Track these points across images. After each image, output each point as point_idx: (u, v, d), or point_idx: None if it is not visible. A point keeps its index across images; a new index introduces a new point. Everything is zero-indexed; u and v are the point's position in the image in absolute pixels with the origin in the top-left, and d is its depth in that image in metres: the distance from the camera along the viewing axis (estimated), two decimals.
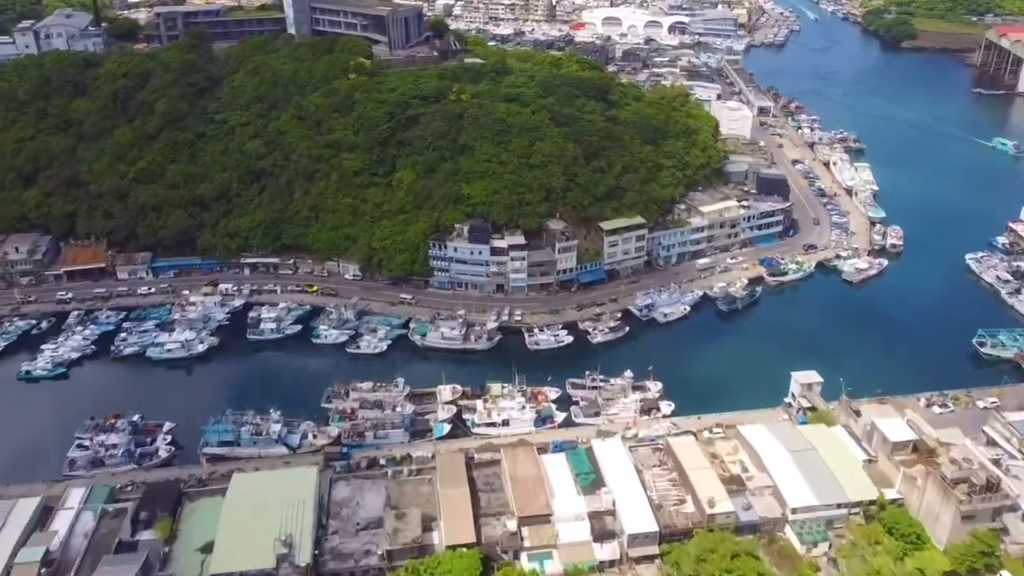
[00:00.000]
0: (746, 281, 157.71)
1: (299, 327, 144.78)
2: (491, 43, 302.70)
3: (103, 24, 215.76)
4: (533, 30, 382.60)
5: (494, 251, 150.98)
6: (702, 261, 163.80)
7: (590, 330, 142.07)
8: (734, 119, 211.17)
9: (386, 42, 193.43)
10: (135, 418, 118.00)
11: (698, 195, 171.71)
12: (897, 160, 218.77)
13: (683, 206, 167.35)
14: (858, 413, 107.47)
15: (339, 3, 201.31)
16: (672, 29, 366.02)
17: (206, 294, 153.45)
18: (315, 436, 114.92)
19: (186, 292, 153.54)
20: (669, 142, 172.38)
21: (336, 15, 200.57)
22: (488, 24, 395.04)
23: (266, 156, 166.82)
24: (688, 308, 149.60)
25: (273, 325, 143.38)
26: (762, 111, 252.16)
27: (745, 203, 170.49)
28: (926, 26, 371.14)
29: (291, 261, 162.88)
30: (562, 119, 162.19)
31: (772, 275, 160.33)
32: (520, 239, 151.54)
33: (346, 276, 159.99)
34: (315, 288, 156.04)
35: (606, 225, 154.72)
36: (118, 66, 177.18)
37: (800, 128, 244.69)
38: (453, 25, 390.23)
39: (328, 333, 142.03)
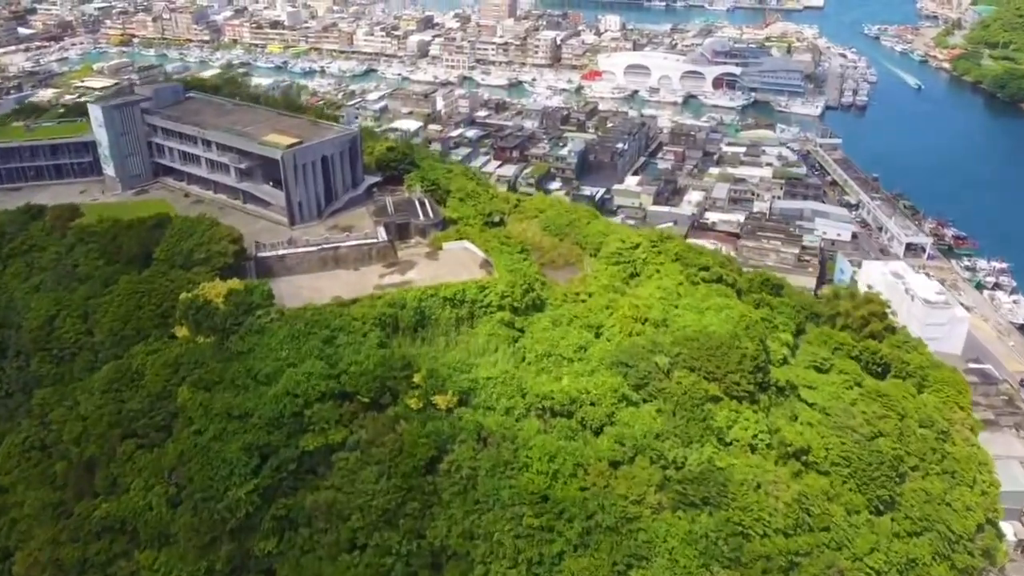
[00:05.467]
0: None
1: None
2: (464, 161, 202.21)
3: None
4: (535, 80, 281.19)
5: None
6: None
7: None
8: (934, 321, 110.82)
9: (284, 207, 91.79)
10: None
11: None
12: None
13: None
14: None
15: (198, 123, 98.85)
16: (718, 83, 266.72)
17: None
18: None
19: None
20: (914, 487, 72.33)
21: (192, 143, 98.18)
22: (475, 70, 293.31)
23: None
24: None
25: None
26: (910, 249, 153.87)
27: None
28: None
29: None
30: (688, 488, 61.77)
31: None
32: None
33: None
34: None
35: None
36: None
37: (981, 286, 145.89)
38: (429, 73, 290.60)
39: None
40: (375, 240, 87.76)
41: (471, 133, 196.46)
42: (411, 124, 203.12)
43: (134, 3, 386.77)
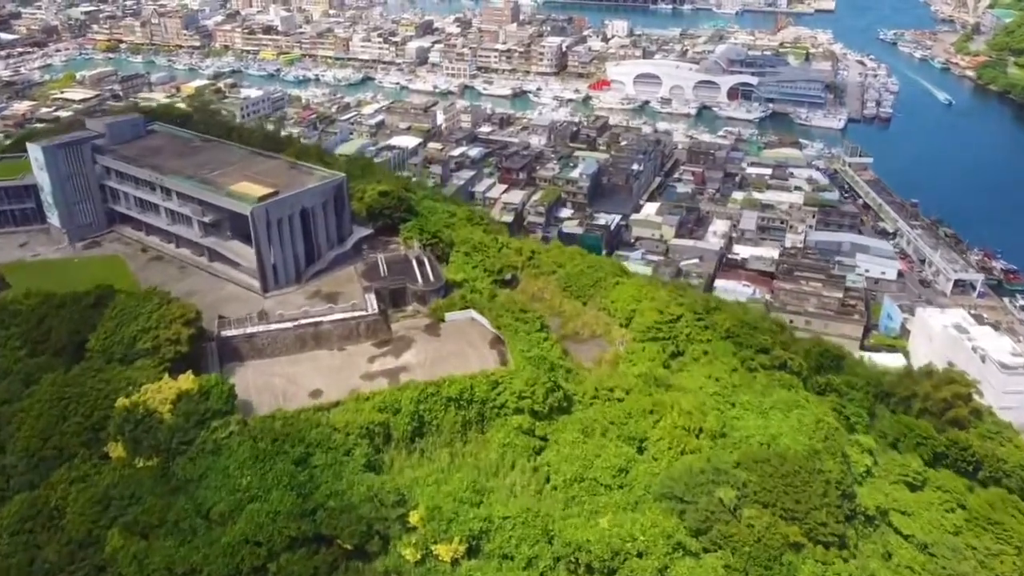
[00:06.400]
0: None
1: None
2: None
3: None
4: (540, 90, 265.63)
5: None
6: None
7: None
8: (1012, 389, 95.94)
9: (256, 269, 76.56)
10: None
11: None
12: None
13: None
14: None
15: (156, 166, 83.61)
16: (733, 94, 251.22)
17: None
18: None
19: None
20: None
21: (151, 190, 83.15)
22: (476, 79, 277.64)
23: None
24: None
25: None
26: (957, 286, 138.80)
27: None
28: None
29: None
30: None
31: None
32: None
33: None
34: None
35: None
36: None
37: None
38: (429, 82, 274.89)
39: None
40: (364, 312, 72.53)
41: (474, 152, 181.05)
42: (409, 141, 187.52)
43: (122, 7, 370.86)
